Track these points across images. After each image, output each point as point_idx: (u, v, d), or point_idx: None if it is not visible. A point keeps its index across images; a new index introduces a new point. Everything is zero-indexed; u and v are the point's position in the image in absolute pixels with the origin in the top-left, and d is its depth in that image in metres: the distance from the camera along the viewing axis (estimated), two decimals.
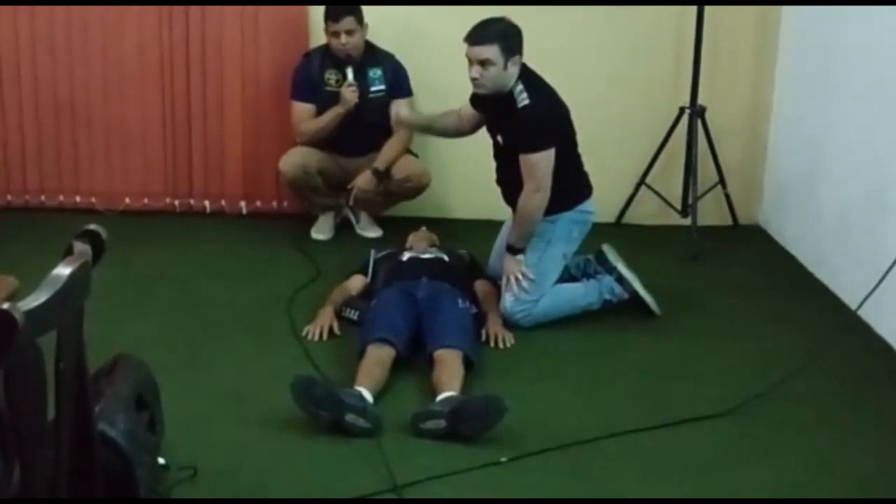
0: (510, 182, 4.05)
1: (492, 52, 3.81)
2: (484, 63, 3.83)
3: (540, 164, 3.88)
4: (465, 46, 3.86)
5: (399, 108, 4.20)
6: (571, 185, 4.06)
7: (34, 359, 1.69)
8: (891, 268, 3.37)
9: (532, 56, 4.04)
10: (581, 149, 4.16)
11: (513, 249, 4.02)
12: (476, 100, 4.08)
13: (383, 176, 4.88)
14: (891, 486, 2.96)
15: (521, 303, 3.99)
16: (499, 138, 4.06)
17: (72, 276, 1.76)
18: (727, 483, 2.96)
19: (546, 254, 4.05)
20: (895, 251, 3.39)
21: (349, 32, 4.79)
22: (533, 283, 3.98)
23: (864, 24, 4.24)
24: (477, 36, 3.84)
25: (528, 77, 3.92)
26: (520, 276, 3.98)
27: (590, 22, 5.16)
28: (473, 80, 3.90)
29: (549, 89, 3.99)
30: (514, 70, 3.87)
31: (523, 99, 3.87)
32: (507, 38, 3.84)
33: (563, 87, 4.07)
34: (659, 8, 5.13)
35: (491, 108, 4.04)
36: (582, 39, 5.19)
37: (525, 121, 3.88)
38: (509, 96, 3.89)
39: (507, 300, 4.00)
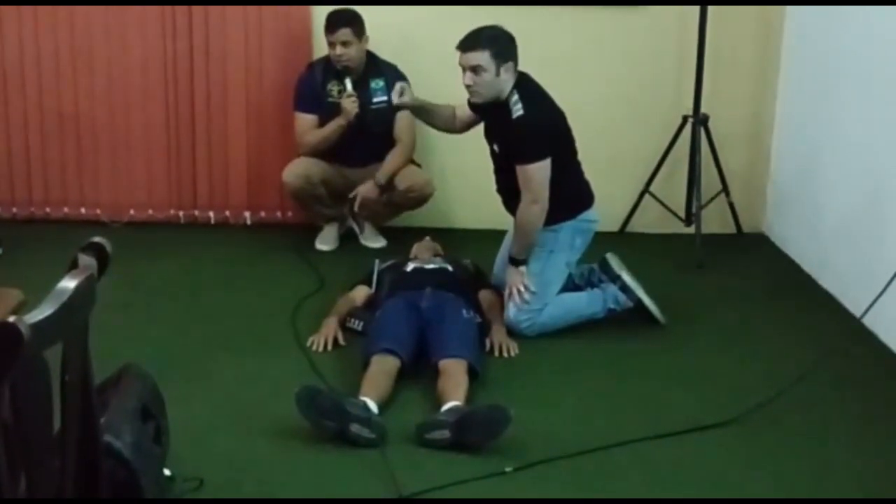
0: (509, 190, 4.06)
1: (483, 58, 3.82)
2: (476, 69, 3.83)
3: (536, 175, 3.88)
4: None
5: (403, 90, 4.18)
6: (573, 193, 4.06)
7: (40, 371, 1.70)
8: (895, 275, 3.37)
9: (535, 64, 4.05)
10: (584, 158, 4.16)
11: (514, 261, 4.03)
12: (474, 104, 4.09)
13: (386, 186, 4.89)
14: None
15: (526, 312, 3.99)
16: (495, 147, 4.07)
17: (77, 289, 1.77)
18: (732, 492, 2.95)
19: (549, 263, 4.05)
20: None
21: (345, 44, 4.80)
22: (535, 295, 3.98)
23: (867, 32, 4.24)
24: (467, 42, 3.85)
25: (524, 85, 3.92)
26: (521, 288, 3.98)
27: (592, 31, 5.17)
28: (468, 87, 3.90)
29: (544, 98, 3.98)
30: (507, 77, 3.87)
31: (518, 109, 3.87)
32: (498, 43, 3.85)
33: (565, 97, 4.08)
34: (661, 16, 5.14)
35: (487, 115, 4.05)
36: (584, 48, 5.20)
37: (519, 131, 3.88)
38: (504, 105, 3.90)
39: (512, 309, 4.00)
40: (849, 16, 4.38)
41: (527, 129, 3.87)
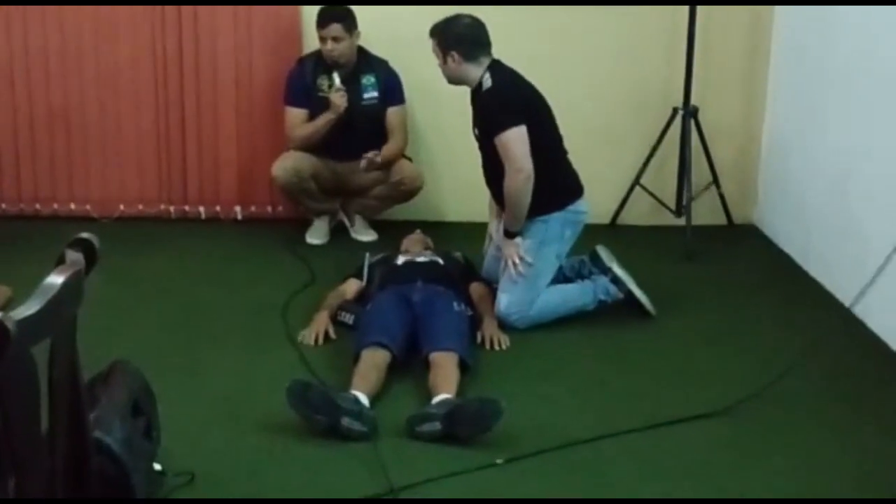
0: (494, 179, 4.07)
1: (432, 44, 4.00)
2: (435, 53, 4.03)
3: (512, 142, 3.88)
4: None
5: None
6: (561, 184, 4.07)
7: (27, 368, 1.69)
8: (884, 265, 3.38)
9: (525, 58, 4.06)
10: (574, 150, 4.17)
11: (508, 233, 4.03)
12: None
13: (381, 166, 4.89)
14: (886, 484, 2.97)
15: (517, 304, 3.99)
16: (476, 130, 4.11)
17: (64, 285, 1.77)
18: (722, 483, 2.96)
19: (539, 254, 4.05)
20: (888, 249, 3.40)
21: (335, 39, 4.80)
22: (530, 267, 3.99)
23: (857, 24, 4.25)
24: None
25: (496, 69, 3.99)
26: (517, 260, 3.99)
27: (582, 24, 5.16)
28: None
29: (518, 78, 4.02)
30: (454, 66, 3.98)
31: (488, 83, 3.95)
32: (443, 35, 4.00)
33: (555, 89, 4.09)
34: (651, 9, 5.14)
35: (472, 105, 4.11)
36: (574, 41, 5.19)
37: (489, 102, 3.95)
38: (478, 86, 3.98)
39: (503, 302, 4.00)
40: (839, 10, 4.38)
41: (496, 98, 3.93)
